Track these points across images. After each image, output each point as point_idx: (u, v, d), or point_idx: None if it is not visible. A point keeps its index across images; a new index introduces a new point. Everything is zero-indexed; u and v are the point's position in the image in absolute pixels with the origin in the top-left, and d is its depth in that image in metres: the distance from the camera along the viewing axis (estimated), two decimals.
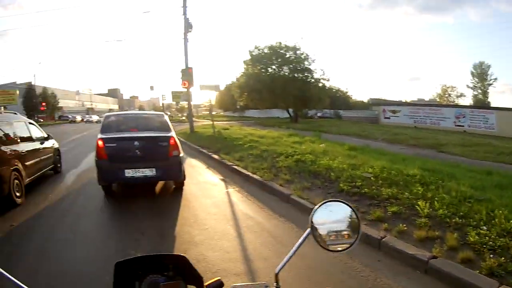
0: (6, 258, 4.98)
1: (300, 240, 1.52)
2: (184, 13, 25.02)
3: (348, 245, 1.54)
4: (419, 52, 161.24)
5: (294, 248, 1.53)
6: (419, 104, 50.42)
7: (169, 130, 9.14)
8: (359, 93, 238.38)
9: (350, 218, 1.55)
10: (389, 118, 45.64)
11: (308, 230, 1.53)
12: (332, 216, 1.54)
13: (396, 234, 5.38)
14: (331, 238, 1.54)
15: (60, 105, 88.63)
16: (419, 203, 6.07)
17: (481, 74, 74.87)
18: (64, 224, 6.92)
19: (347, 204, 1.54)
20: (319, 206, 1.54)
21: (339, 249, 1.55)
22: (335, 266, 4.68)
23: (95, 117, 76.30)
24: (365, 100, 73.40)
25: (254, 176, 10.00)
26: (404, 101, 69.74)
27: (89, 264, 5.04)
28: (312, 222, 1.53)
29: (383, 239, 5.22)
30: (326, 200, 1.56)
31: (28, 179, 9.11)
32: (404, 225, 5.59)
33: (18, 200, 8.09)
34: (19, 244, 5.91)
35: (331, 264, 4.73)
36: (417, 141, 20.50)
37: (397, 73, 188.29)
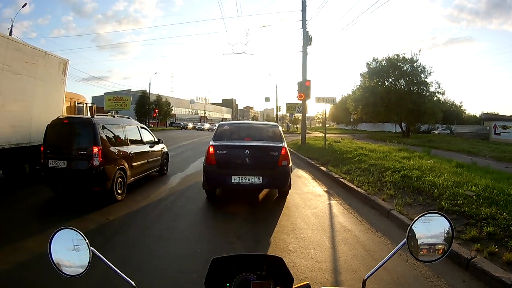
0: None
1: (395, 249, 1.60)
2: (303, 27, 25.26)
3: (438, 257, 1.62)
4: None
5: (387, 257, 1.61)
6: None
7: (281, 140, 9.39)
8: (473, 107, 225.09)
9: (446, 231, 1.62)
10: (499, 134, 42.82)
11: (404, 240, 1.60)
12: (429, 228, 1.61)
13: (486, 255, 5.30)
14: (424, 249, 1.62)
15: (173, 112, 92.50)
16: None
17: None
18: (160, 222, 7.36)
19: (446, 218, 1.62)
20: (419, 217, 1.61)
21: (428, 259, 1.63)
22: (420, 284, 4.73)
23: (207, 125, 79.11)
24: (478, 115, 69.30)
25: (359, 189, 10.20)
26: None
27: (179, 260, 5.40)
28: (409, 232, 1.60)
29: (472, 260, 5.14)
30: (426, 212, 1.62)
31: (133, 178, 10.00)
32: (496, 246, 5.50)
33: (119, 197, 8.99)
34: (112, 236, 6.43)
35: (416, 281, 4.79)
36: None
37: None
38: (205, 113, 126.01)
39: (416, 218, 1.61)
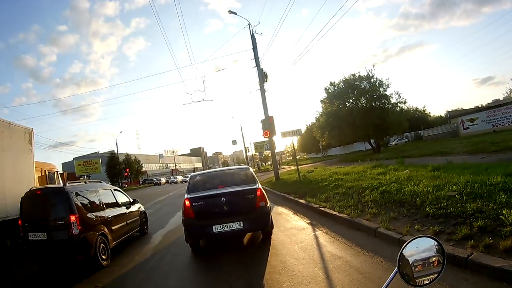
0: None
1: (388, 280, 1.61)
2: (257, 65, 25.57)
3: (434, 276, 1.66)
4: (486, 50, 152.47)
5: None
6: (494, 106, 47.61)
7: (254, 182, 9.29)
8: (437, 107, 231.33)
9: (435, 250, 1.65)
10: (468, 128, 43.71)
11: (396, 269, 1.61)
12: (418, 251, 1.63)
13: (482, 249, 5.29)
14: (418, 273, 1.63)
15: (144, 169, 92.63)
16: (504, 212, 6.01)
17: None
18: (150, 283, 7.14)
19: (432, 238, 1.66)
20: (405, 245, 1.64)
21: (426, 282, 1.65)
22: None
23: (179, 178, 78.75)
24: (443, 114, 70.50)
25: (341, 215, 10.03)
26: (480, 105, 66.34)
27: None
28: (399, 262, 1.62)
29: (470, 257, 5.15)
30: (412, 238, 1.64)
31: (115, 242, 9.70)
32: (490, 238, 5.51)
33: (104, 263, 8.66)
34: None
35: None
36: (497, 146, 19.80)
37: (469, 78, 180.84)
38: (175, 165, 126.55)
39: (403, 247, 1.65)
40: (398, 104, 42.47)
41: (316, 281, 5.85)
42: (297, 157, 25.44)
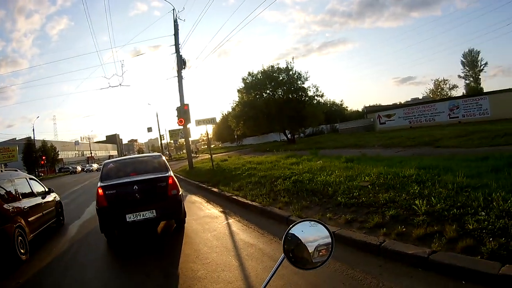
0: None
1: (275, 267, 1.60)
2: (177, 51, 25.07)
3: (324, 260, 1.59)
4: (411, 52, 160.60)
5: (270, 275, 1.63)
6: (412, 104, 49.93)
7: (166, 170, 9.26)
8: (355, 103, 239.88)
9: (323, 233, 1.59)
10: (384, 123, 45.36)
11: (282, 255, 1.61)
12: (305, 235, 1.59)
13: (395, 237, 5.38)
14: (308, 256, 1.60)
15: (60, 156, 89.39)
16: (416, 202, 6.09)
17: (472, 61, 73.78)
18: (68, 276, 6.88)
19: (316, 221, 1.62)
20: (288, 230, 1.61)
21: (316, 266, 1.61)
22: (336, 278, 4.70)
23: (95, 166, 77.01)
24: (360, 109, 72.96)
25: (253, 203, 9.98)
26: (398, 103, 69.44)
27: None
28: (284, 246, 1.61)
29: (382, 244, 5.22)
30: (295, 223, 1.62)
31: (32, 235, 9.07)
32: (403, 226, 5.61)
33: (23, 257, 8.06)
34: None
35: (332, 277, 4.75)
36: (412, 141, 20.36)
37: (390, 76, 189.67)
38: (91, 153, 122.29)
39: (285, 233, 1.63)
40: (315, 97, 42.85)
41: (229, 268, 5.88)
42: (212, 146, 25.29)
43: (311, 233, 1.61)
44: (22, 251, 8.16)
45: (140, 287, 5.76)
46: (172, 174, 8.95)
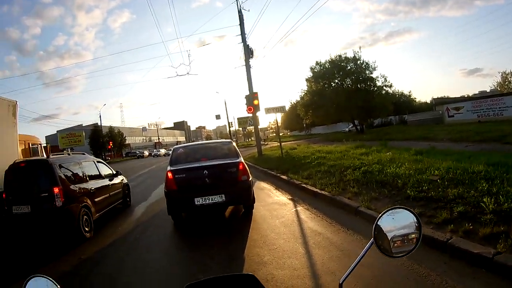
0: None
1: (363, 250, 1.60)
2: (243, 40, 25.38)
3: (409, 250, 1.63)
4: (476, 42, 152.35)
5: (358, 258, 1.62)
6: (480, 97, 47.52)
7: (237, 156, 9.37)
8: (422, 94, 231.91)
9: (411, 223, 1.62)
10: (453, 116, 43.44)
11: (372, 240, 1.60)
12: (395, 223, 1.60)
13: (462, 234, 5.30)
14: (394, 245, 1.61)
15: (127, 142, 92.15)
16: (484, 199, 6.01)
17: None
18: (132, 255, 7.16)
19: (409, 210, 1.62)
20: (381, 215, 1.61)
21: (401, 254, 1.63)
22: (401, 273, 4.69)
23: (162, 151, 78.45)
24: (429, 101, 70.38)
25: (323, 192, 10.10)
26: (466, 95, 66.38)
27: None
28: (375, 231, 1.60)
29: (449, 241, 5.15)
30: (388, 209, 1.62)
31: (98, 214, 9.68)
32: (470, 224, 5.52)
33: (87, 235, 8.65)
34: (87, 275, 6.22)
35: (397, 271, 4.74)
36: (481, 136, 19.58)
37: (457, 67, 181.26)
38: (158, 139, 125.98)
39: (378, 217, 1.60)
40: (384, 88, 42.05)
41: (296, 255, 5.89)
42: (280, 134, 25.37)
43: (400, 221, 1.61)
44: (86, 229, 8.76)
45: (204, 269, 5.81)
46: (242, 160, 9.07)
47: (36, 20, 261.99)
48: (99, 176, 10.72)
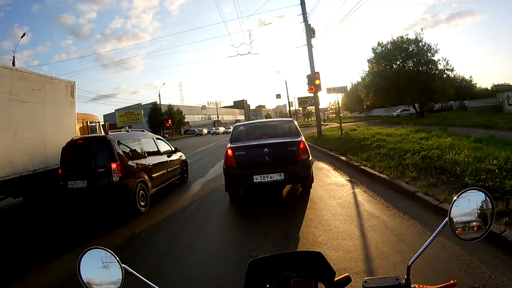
0: (126, 262, 5.75)
1: (436, 231, 1.55)
2: (305, 20, 25.27)
3: (481, 233, 1.56)
4: None
5: (429, 239, 1.56)
6: None
7: (298, 135, 9.44)
8: (483, 80, 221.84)
9: (486, 207, 1.56)
10: None
11: (446, 219, 1.55)
12: (469, 205, 1.56)
13: None
14: (466, 227, 1.57)
15: (186, 120, 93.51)
16: None
17: None
18: (186, 229, 7.43)
19: (484, 192, 1.56)
20: (458, 196, 1.56)
21: (473, 237, 1.58)
22: (453, 263, 4.64)
23: (221, 129, 80.00)
24: (489, 87, 67.24)
25: (381, 175, 10.23)
26: None
27: (209, 265, 5.48)
28: (450, 212, 1.55)
29: (503, 234, 5.01)
30: (464, 190, 1.57)
31: (154, 190, 10.08)
32: None
33: (142, 209, 9.09)
34: (140, 249, 6.49)
35: (449, 260, 4.70)
36: None
37: None
38: (217, 117, 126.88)
39: (455, 198, 1.55)
40: (445, 71, 41.11)
41: (351, 237, 5.99)
42: (340, 115, 25.32)
43: (475, 204, 1.56)
44: (142, 203, 9.17)
45: (258, 245, 5.94)
46: (303, 139, 9.11)
47: (92, 6, 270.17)
48: (157, 153, 11.09)
